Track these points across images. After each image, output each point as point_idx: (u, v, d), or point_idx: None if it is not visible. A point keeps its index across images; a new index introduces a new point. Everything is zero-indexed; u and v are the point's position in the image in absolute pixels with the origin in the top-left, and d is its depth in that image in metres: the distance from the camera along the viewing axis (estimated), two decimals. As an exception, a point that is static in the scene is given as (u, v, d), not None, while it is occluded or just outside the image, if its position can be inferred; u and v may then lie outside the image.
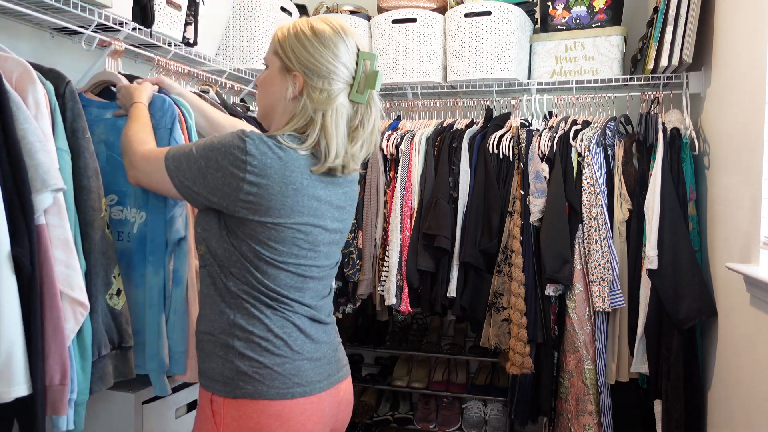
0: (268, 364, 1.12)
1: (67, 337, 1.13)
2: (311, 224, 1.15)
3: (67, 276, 1.13)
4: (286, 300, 1.14)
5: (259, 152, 1.07)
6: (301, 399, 1.13)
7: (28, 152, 1.07)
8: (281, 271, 1.13)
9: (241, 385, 1.11)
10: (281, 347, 1.13)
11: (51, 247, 1.11)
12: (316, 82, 1.14)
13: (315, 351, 1.18)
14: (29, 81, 1.13)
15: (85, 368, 1.19)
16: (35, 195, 1.07)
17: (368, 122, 1.19)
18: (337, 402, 1.22)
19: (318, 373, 1.17)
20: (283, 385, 1.12)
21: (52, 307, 1.10)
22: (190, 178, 1.11)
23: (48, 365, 1.10)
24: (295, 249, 1.13)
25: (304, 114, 1.14)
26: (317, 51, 1.14)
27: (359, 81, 1.17)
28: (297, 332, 1.16)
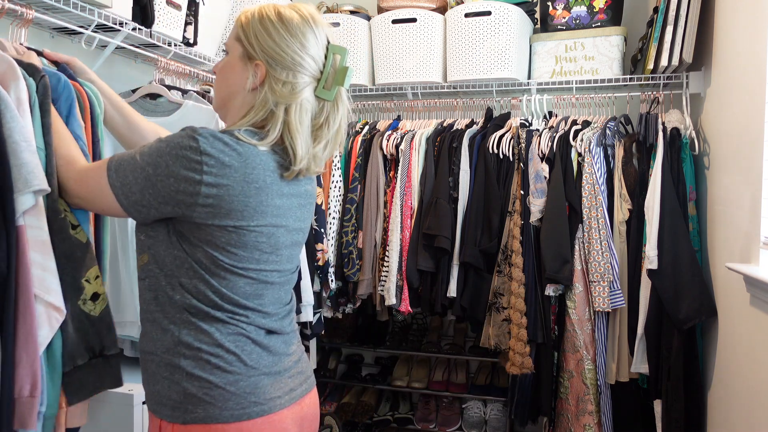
0: (220, 384, 1.00)
1: (41, 345, 1.05)
2: (274, 225, 1.05)
3: (42, 279, 1.05)
4: (242, 310, 1.04)
5: (215, 150, 0.96)
6: (259, 419, 1.02)
7: (12, 151, 1.02)
8: (240, 277, 1.03)
9: (191, 409, 1.00)
10: (234, 363, 1.02)
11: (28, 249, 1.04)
12: (280, 74, 1.04)
13: (274, 364, 1.07)
14: (13, 78, 1.08)
15: (55, 379, 1.10)
16: (17, 195, 1.02)
17: (334, 121, 1.10)
18: (301, 418, 1.11)
19: (277, 388, 1.06)
20: (237, 405, 1.01)
21: (26, 313, 1.03)
22: (138, 191, 0.99)
23: (18, 375, 1.02)
24: (257, 253, 1.04)
25: (263, 106, 1.04)
26: (283, 39, 1.04)
27: (327, 76, 1.07)
28: (252, 345, 1.04)
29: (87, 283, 1.15)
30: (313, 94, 1.07)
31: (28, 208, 1.05)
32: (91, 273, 1.17)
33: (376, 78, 2.57)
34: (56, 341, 1.11)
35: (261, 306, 1.07)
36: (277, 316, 1.10)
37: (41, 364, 1.08)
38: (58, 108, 1.16)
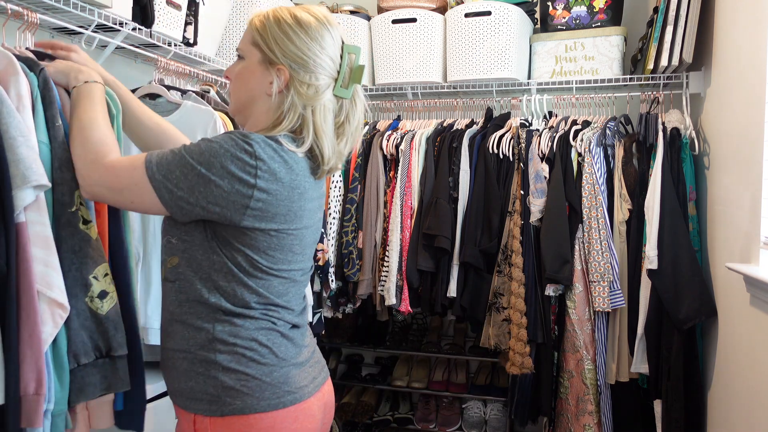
0: (256, 375, 1.05)
1: (45, 342, 1.05)
2: (306, 227, 1.11)
3: (45, 275, 1.04)
4: (273, 307, 1.09)
5: (268, 156, 1.00)
6: (293, 407, 1.07)
7: (9, 147, 1.01)
8: (275, 278, 1.08)
9: (229, 401, 1.03)
10: (267, 355, 1.06)
11: (30, 245, 1.03)
12: (303, 77, 1.06)
13: (297, 355, 1.12)
14: (13, 73, 1.08)
15: (62, 377, 1.10)
16: (15, 191, 1.01)
17: (353, 118, 1.13)
18: (324, 405, 1.17)
19: (304, 377, 1.12)
20: (273, 395, 1.05)
21: (29, 310, 1.02)
22: (186, 188, 0.99)
23: (22, 373, 1.02)
24: (290, 255, 1.09)
25: (294, 111, 1.06)
26: (304, 43, 1.06)
27: (344, 75, 1.10)
28: (281, 338, 1.09)
29: (95, 280, 1.14)
30: (332, 93, 1.10)
31: (27, 203, 1.04)
32: (100, 270, 1.15)
33: (376, 78, 2.57)
34: (62, 338, 1.10)
35: (288, 303, 1.12)
36: (298, 311, 1.16)
37: (48, 362, 1.08)
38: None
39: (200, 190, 0.98)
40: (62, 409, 1.10)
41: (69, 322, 1.10)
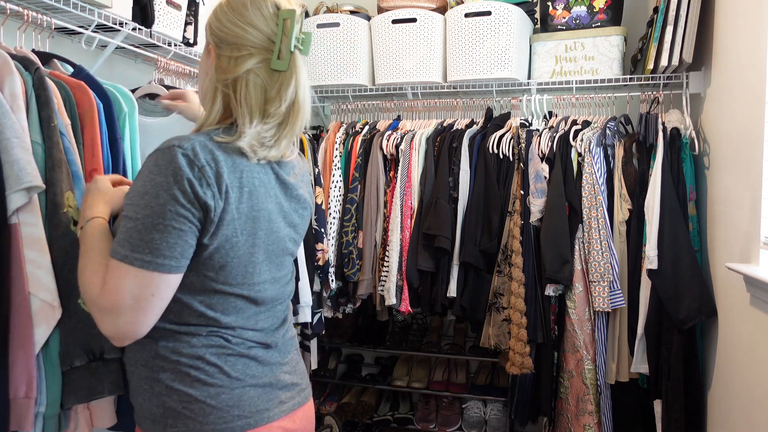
0: (199, 397, 0.95)
1: (37, 344, 1.03)
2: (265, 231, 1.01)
3: (38, 277, 1.03)
4: (224, 328, 0.99)
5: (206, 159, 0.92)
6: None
7: (3, 148, 1.00)
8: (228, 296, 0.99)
9: (171, 423, 0.95)
10: (216, 375, 0.97)
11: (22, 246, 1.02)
12: (224, 51, 0.99)
13: (263, 374, 1.02)
14: (7, 72, 1.07)
15: (55, 379, 1.08)
16: (8, 193, 1.00)
17: (286, 92, 0.98)
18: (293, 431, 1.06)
19: (266, 400, 1.01)
20: (219, 419, 0.95)
21: (21, 312, 1.01)
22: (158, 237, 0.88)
23: (12, 376, 1.01)
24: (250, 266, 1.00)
25: (214, 91, 0.98)
26: (226, 16, 0.99)
27: (279, 45, 0.98)
28: (236, 357, 0.99)
29: None
30: (265, 68, 0.98)
31: (20, 205, 1.03)
32: None
33: (376, 78, 2.57)
34: (54, 340, 1.09)
35: (245, 322, 1.01)
36: (268, 330, 1.06)
37: (40, 364, 1.07)
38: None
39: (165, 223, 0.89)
40: (54, 411, 1.09)
41: (61, 324, 1.09)
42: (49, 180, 1.10)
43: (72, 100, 1.23)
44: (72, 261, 1.11)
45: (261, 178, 0.99)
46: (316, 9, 2.73)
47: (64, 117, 1.19)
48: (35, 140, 1.09)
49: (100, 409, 1.23)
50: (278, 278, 1.07)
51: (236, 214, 0.94)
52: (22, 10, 1.36)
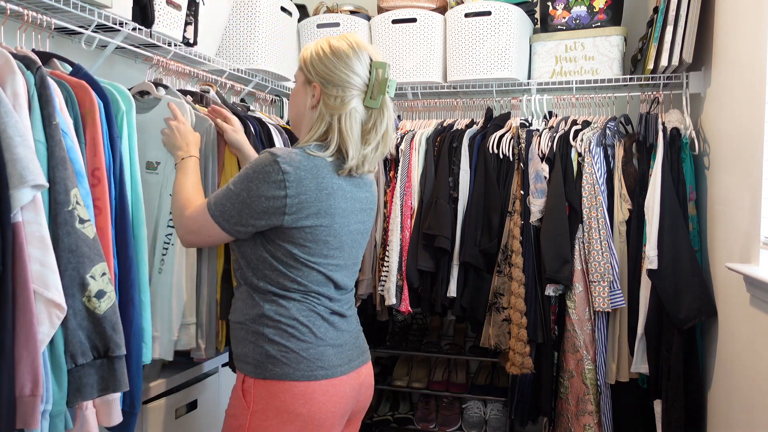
0: (295, 349, 1.22)
1: (41, 342, 1.05)
2: (338, 223, 1.27)
3: (42, 275, 1.04)
4: (312, 294, 1.26)
5: (292, 167, 1.19)
6: (324, 381, 1.23)
7: (6, 147, 1.00)
8: (311, 269, 1.25)
9: (270, 368, 1.22)
10: (306, 334, 1.24)
11: (26, 245, 1.03)
12: (331, 90, 1.26)
13: (337, 338, 1.29)
14: (9, 72, 1.07)
15: (60, 377, 1.10)
16: (12, 191, 1.01)
17: (381, 125, 1.29)
18: (358, 385, 1.32)
19: (339, 358, 1.27)
20: (307, 368, 1.22)
21: (25, 311, 1.02)
22: (236, 215, 1.22)
23: (18, 374, 1.02)
24: (325, 248, 1.26)
25: (321, 119, 1.27)
26: (332, 63, 1.27)
27: (372, 88, 1.28)
28: (320, 320, 1.27)
29: (92, 280, 1.14)
30: (361, 104, 1.28)
31: (24, 203, 1.03)
32: (97, 269, 1.15)
33: (376, 78, 2.57)
34: (59, 338, 1.10)
35: (326, 292, 1.29)
36: (339, 302, 1.32)
37: (45, 362, 1.07)
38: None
39: (246, 212, 1.21)
40: (60, 409, 1.10)
41: (66, 322, 1.10)
42: (52, 178, 1.10)
43: (74, 99, 1.23)
44: (76, 259, 1.11)
45: (339, 184, 1.26)
46: (316, 9, 2.73)
47: (66, 116, 1.19)
48: (38, 139, 1.09)
49: (105, 407, 1.23)
50: (349, 265, 1.34)
51: (314, 209, 1.22)
52: (22, 10, 1.36)
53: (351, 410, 1.32)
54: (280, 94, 2.62)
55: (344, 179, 1.28)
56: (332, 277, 1.29)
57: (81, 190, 1.16)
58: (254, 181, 1.20)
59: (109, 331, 1.16)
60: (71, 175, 1.13)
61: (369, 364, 1.39)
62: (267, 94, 2.47)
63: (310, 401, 1.21)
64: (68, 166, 1.12)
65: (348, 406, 1.29)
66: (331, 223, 1.25)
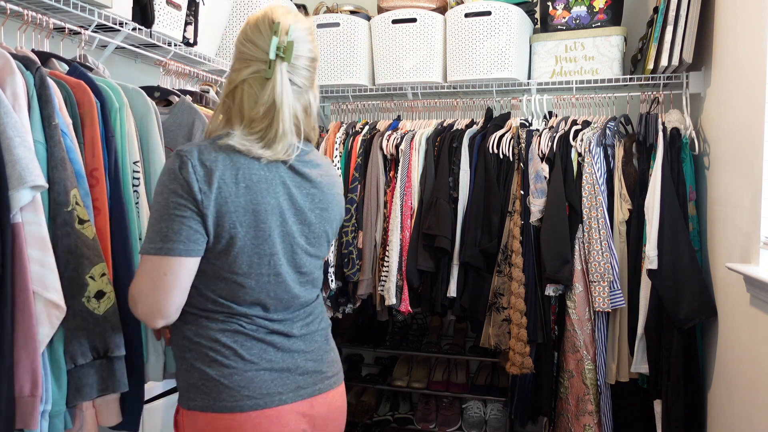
0: (214, 376, 1.06)
1: (41, 343, 1.05)
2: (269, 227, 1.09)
3: (41, 276, 1.04)
4: (238, 313, 1.09)
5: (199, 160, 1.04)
6: (253, 413, 1.06)
7: (6, 147, 1.00)
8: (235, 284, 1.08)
9: (192, 397, 1.08)
10: (230, 357, 1.07)
11: (26, 245, 1.03)
12: (234, 65, 1.12)
13: (280, 361, 1.10)
14: (8, 72, 1.08)
15: (59, 378, 1.10)
16: (12, 192, 1.01)
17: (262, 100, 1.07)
18: (311, 416, 1.13)
19: (280, 384, 1.09)
20: (230, 397, 1.05)
21: (25, 311, 1.02)
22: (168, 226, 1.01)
23: (17, 374, 1.02)
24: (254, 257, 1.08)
25: (222, 103, 1.11)
26: (238, 38, 1.13)
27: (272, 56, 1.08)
28: (252, 341, 1.09)
29: (91, 280, 1.14)
30: (258, 79, 1.08)
31: (24, 204, 1.03)
32: (97, 270, 1.15)
33: (376, 78, 2.57)
34: (58, 339, 1.10)
35: (258, 309, 1.10)
36: (284, 321, 1.13)
37: (45, 363, 1.07)
38: None
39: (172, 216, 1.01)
40: (60, 410, 1.10)
41: (65, 322, 1.10)
42: (51, 179, 1.10)
43: (72, 99, 1.23)
44: (75, 260, 1.12)
45: (262, 175, 1.07)
46: (316, 9, 2.73)
47: (65, 116, 1.19)
48: (37, 139, 1.09)
49: (105, 407, 1.23)
50: (297, 273, 1.14)
51: (232, 207, 1.03)
52: (22, 10, 1.36)
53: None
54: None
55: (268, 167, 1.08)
56: (269, 293, 1.10)
57: (80, 190, 1.16)
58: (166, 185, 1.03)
59: (109, 332, 1.16)
60: (71, 175, 1.13)
61: (332, 393, 1.19)
62: (267, 94, 2.47)
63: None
64: (68, 166, 1.12)
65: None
66: (256, 223, 1.06)
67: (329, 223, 1.19)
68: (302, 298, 1.16)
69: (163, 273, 1.01)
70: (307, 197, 1.14)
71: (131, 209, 1.33)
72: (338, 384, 1.22)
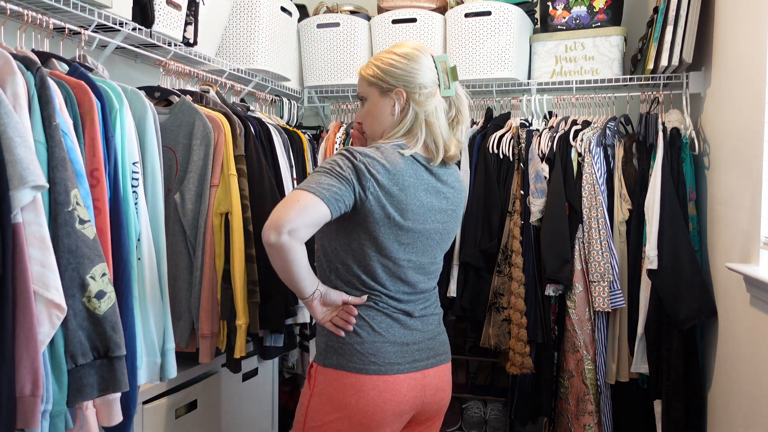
0: (349, 341, 1.26)
1: (42, 343, 1.05)
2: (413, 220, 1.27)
3: (42, 275, 1.05)
4: (377, 291, 1.28)
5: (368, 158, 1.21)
6: (375, 376, 1.24)
7: (7, 148, 1.00)
8: (381, 266, 1.27)
9: (329, 356, 1.27)
10: (364, 327, 1.26)
11: (26, 245, 1.03)
12: (416, 89, 1.30)
13: (403, 336, 1.29)
14: (9, 73, 1.07)
15: (60, 377, 1.11)
16: (12, 192, 1.01)
17: (463, 109, 1.36)
18: (421, 386, 1.30)
19: (400, 356, 1.28)
20: (360, 361, 1.25)
21: (26, 311, 1.02)
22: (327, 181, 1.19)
23: (18, 374, 1.02)
24: (395, 245, 1.26)
25: (415, 117, 1.30)
26: (409, 66, 1.32)
27: (443, 79, 1.33)
28: (382, 317, 1.28)
29: (92, 280, 1.14)
30: (440, 97, 1.32)
31: (24, 204, 1.03)
32: (97, 270, 1.15)
33: (376, 78, 2.57)
34: (59, 339, 1.10)
35: (394, 289, 1.29)
36: (410, 302, 1.32)
37: (45, 363, 1.07)
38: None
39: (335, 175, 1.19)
40: (60, 409, 1.10)
41: (66, 322, 1.10)
42: (52, 179, 1.10)
43: (73, 99, 1.23)
44: (76, 260, 1.12)
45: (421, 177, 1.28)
46: (316, 9, 2.73)
47: (65, 116, 1.19)
48: (38, 140, 1.09)
49: (105, 407, 1.23)
50: (422, 264, 1.32)
51: (385, 201, 1.22)
52: (22, 11, 1.36)
53: (413, 411, 1.30)
54: (279, 94, 2.62)
55: (427, 174, 1.30)
56: (402, 275, 1.29)
57: (81, 190, 1.16)
58: (337, 162, 1.21)
59: (109, 332, 1.16)
60: (71, 175, 1.13)
61: (442, 368, 1.36)
62: (267, 94, 2.47)
63: (359, 393, 1.23)
64: (68, 166, 1.12)
65: (405, 406, 1.28)
66: (403, 218, 1.25)
67: (455, 219, 1.40)
68: (428, 286, 1.36)
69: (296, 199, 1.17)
70: (446, 200, 1.35)
71: (130, 209, 1.33)
72: (447, 361, 1.39)
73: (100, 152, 1.24)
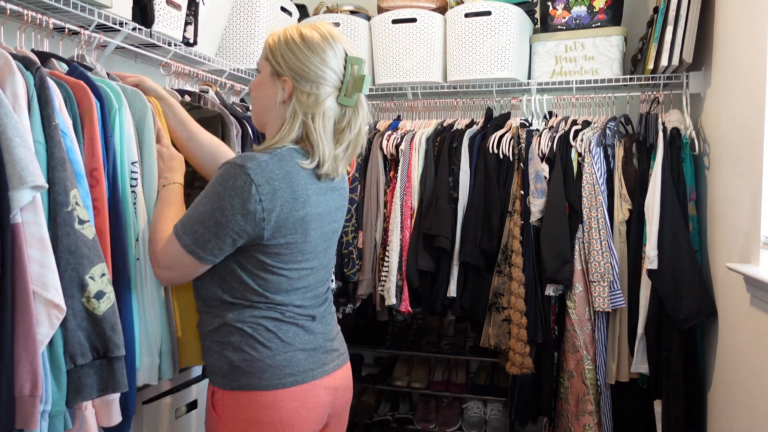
0: (259, 357, 1.18)
1: (41, 343, 1.05)
2: (314, 230, 1.21)
3: (41, 276, 1.04)
4: (278, 302, 1.21)
5: (265, 179, 1.11)
6: (294, 388, 1.19)
7: (6, 148, 1.00)
8: (281, 277, 1.20)
9: (236, 378, 1.18)
10: (272, 340, 1.19)
11: (25, 246, 1.03)
12: (305, 87, 1.17)
13: (309, 342, 1.24)
14: (8, 72, 1.07)
15: (59, 378, 1.10)
16: (12, 192, 1.00)
17: (354, 125, 1.22)
18: (333, 388, 1.27)
19: (311, 362, 1.23)
20: (274, 376, 1.18)
21: (25, 311, 1.02)
22: (212, 239, 1.13)
23: (17, 374, 1.02)
24: (299, 256, 1.21)
25: (295, 118, 1.18)
26: (306, 57, 1.18)
27: (347, 85, 1.20)
28: (287, 325, 1.22)
29: (91, 281, 1.13)
30: (335, 102, 1.20)
31: (24, 204, 1.03)
32: (97, 270, 1.14)
33: (376, 78, 2.57)
34: (58, 339, 1.09)
35: (295, 297, 1.23)
36: (310, 306, 1.26)
37: (44, 363, 1.07)
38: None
39: (224, 234, 1.12)
40: (60, 410, 1.09)
41: (65, 322, 1.10)
42: (51, 179, 1.09)
43: (72, 99, 1.23)
44: (76, 260, 1.11)
45: (313, 189, 1.19)
46: (316, 9, 2.73)
47: (65, 116, 1.19)
48: (37, 140, 1.08)
49: (105, 407, 1.23)
50: (324, 265, 1.29)
51: (290, 223, 1.16)
52: (22, 10, 1.36)
53: (328, 414, 1.27)
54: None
55: (317, 182, 1.21)
56: (304, 283, 1.24)
57: (80, 190, 1.16)
58: (226, 199, 1.11)
59: (109, 332, 1.16)
60: (71, 175, 1.12)
61: (346, 367, 1.34)
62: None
63: (280, 410, 1.17)
64: (67, 166, 1.12)
65: (323, 411, 1.24)
66: (306, 231, 1.19)
67: (344, 217, 1.36)
68: (323, 287, 1.31)
69: (187, 265, 1.16)
70: (337, 199, 1.28)
71: (129, 209, 1.33)
72: (348, 359, 1.37)
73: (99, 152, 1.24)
